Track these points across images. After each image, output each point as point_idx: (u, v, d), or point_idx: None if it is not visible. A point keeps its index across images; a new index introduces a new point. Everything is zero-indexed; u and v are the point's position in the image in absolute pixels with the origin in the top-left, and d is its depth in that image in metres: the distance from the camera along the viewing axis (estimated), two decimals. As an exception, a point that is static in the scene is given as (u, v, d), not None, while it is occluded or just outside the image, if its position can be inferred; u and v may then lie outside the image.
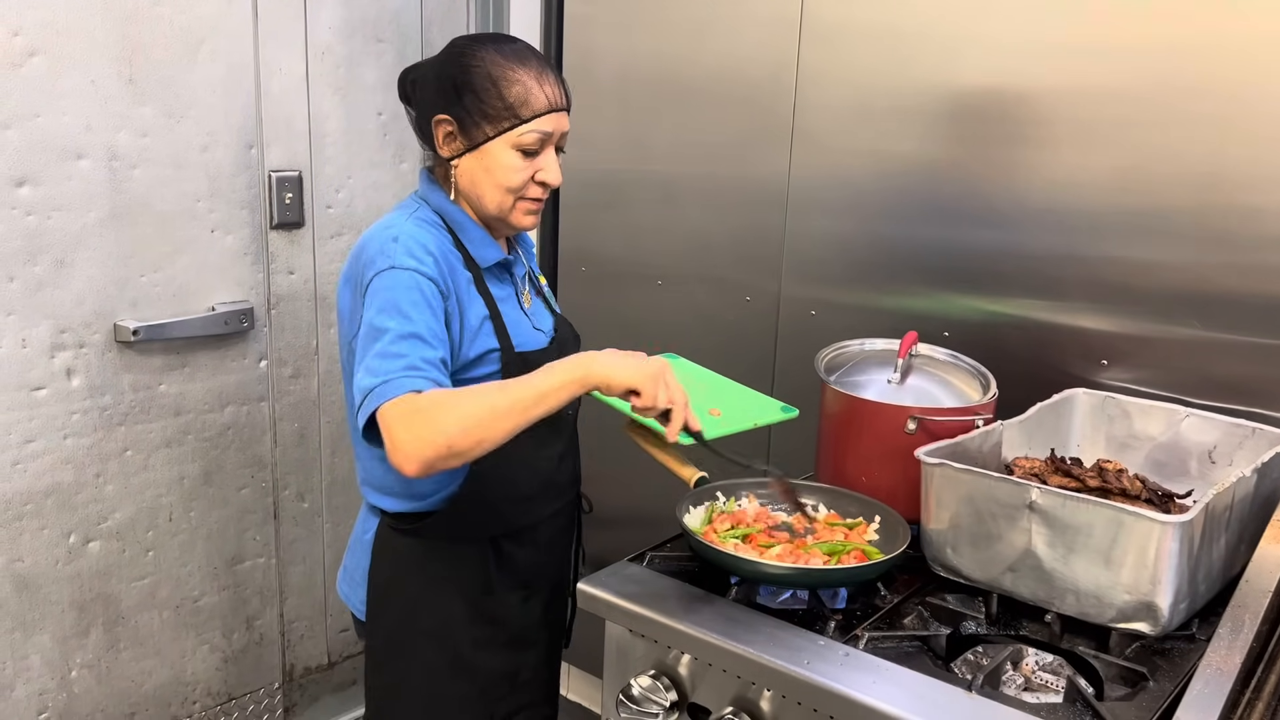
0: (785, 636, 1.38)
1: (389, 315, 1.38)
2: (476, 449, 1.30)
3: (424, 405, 1.30)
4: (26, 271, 1.96)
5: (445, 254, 1.48)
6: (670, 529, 1.65)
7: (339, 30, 2.37)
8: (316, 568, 2.58)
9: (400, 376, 1.32)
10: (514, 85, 1.48)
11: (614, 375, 1.34)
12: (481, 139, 1.49)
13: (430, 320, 1.40)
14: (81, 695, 2.18)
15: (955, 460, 1.48)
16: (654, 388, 1.35)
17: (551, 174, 1.52)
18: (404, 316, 1.38)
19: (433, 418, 1.28)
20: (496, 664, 1.63)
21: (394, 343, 1.36)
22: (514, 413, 1.30)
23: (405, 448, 1.28)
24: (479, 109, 1.48)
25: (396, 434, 1.29)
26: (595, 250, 2.64)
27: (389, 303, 1.39)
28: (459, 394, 1.34)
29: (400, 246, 1.43)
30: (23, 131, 1.91)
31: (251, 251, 2.30)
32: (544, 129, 1.49)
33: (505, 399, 1.31)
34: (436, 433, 1.27)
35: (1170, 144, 1.78)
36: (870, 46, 2.09)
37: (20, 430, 2.00)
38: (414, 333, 1.37)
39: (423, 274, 1.42)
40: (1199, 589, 1.40)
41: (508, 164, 1.49)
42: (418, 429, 1.28)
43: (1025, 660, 1.39)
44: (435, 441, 1.27)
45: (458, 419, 1.28)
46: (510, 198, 1.52)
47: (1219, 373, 1.78)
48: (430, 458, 1.28)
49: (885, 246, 2.13)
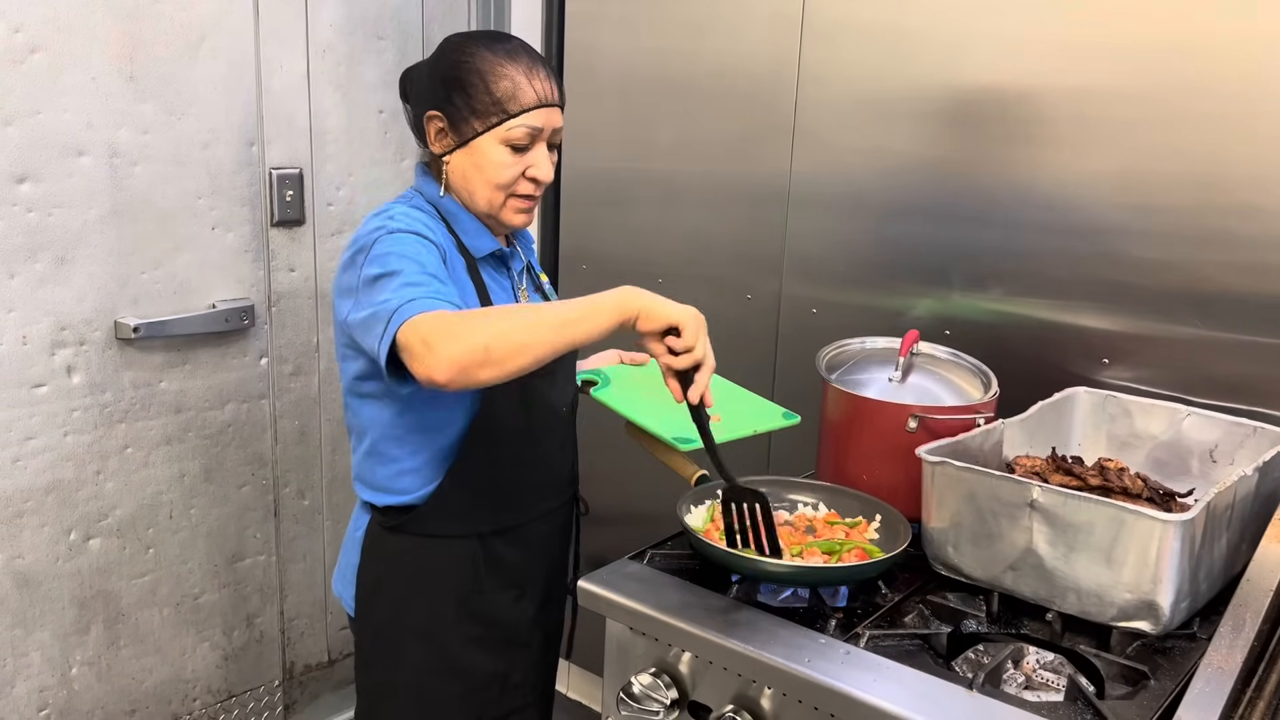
0: (786, 634, 1.38)
1: (398, 262, 1.35)
2: (512, 359, 1.23)
3: (454, 316, 1.26)
4: (27, 268, 1.96)
5: (441, 235, 1.48)
6: (671, 527, 1.65)
7: (340, 28, 2.37)
8: (317, 565, 2.58)
9: (426, 297, 1.29)
10: (502, 80, 1.47)
11: (656, 308, 1.30)
12: (471, 135, 1.49)
13: (438, 266, 1.39)
14: (82, 692, 2.18)
15: (956, 459, 1.48)
16: (695, 327, 1.30)
17: (542, 170, 1.52)
18: (411, 261, 1.36)
19: (470, 324, 1.24)
20: (487, 664, 1.62)
21: (411, 278, 1.33)
22: (549, 328, 1.25)
23: (440, 349, 1.22)
24: (468, 105, 1.48)
25: (431, 337, 1.23)
26: (596, 248, 2.64)
27: (397, 255, 1.37)
28: (489, 310, 1.32)
29: (396, 221, 1.43)
30: (24, 128, 1.91)
31: (252, 249, 2.30)
32: (533, 124, 1.49)
33: (538, 318, 1.27)
34: (471, 335, 1.22)
35: (1172, 143, 1.78)
36: (872, 44, 2.09)
37: (21, 427, 2.00)
38: (426, 272, 1.36)
39: (424, 237, 1.42)
40: (1200, 588, 1.40)
41: (497, 160, 1.49)
42: (455, 330, 1.23)
43: (1026, 659, 1.38)
44: (471, 343, 1.22)
45: (495, 326, 1.24)
46: (501, 194, 1.52)
47: (1220, 372, 1.78)
48: (464, 360, 1.21)
49: (886, 245, 2.13)
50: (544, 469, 1.65)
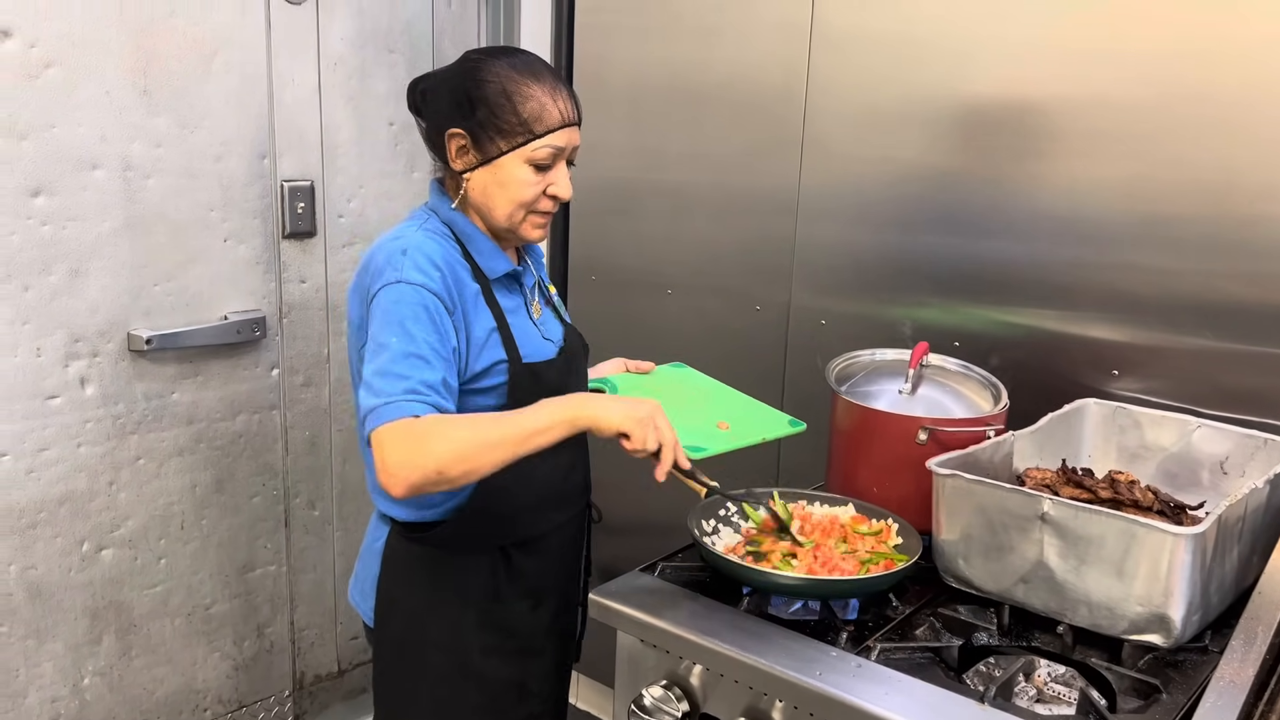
0: (797, 647, 1.38)
1: (392, 331, 1.39)
2: (464, 478, 1.33)
3: (417, 430, 1.32)
4: (41, 281, 1.97)
5: (452, 266, 1.49)
6: (682, 539, 1.65)
7: (351, 41, 2.38)
8: (327, 575, 2.59)
9: (400, 399, 1.34)
10: (529, 101, 1.48)
11: (603, 418, 1.38)
12: (495, 153, 1.50)
13: (433, 338, 1.41)
14: (93, 702, 2.19)
15: (967, 471, 1.48)
16: (643, 431, 1.38)
17: (563, 188, 1.54)
18: (407, 334, 1.39)
19: (424, 443, 1.31)
20: (505, 673, 1.63)
21: (396, 361, 1.37)
22: (505, 445, 1.33)
23: (394, 470, 1.30)
24: (493, 124, 1.49)
25: (387, 455, 1.31)
26: (605, 259, 2.65)
27: (393, 318, 1.40)
28: (453, 421, 1.36)
29: (408, 260, 1.44)
30: (39, 142, 1.93)
31: (264, 261, 2.31)
32: (557, 144, 1.51)
33: (497, 432, 1.34)
34: (426, 457, 1.30)
35: (1181, 152, 1.78)
36: (881, 54, 2.10)
37: (34, 438, 2.01)
38: (416, 352, 1.39)
39: (428, 289, 1.43)
40: (1211, 601, 1.40)
41: (521, 178, 1.50)
42: (408, 453, 1.30)
43: (1037, 672, 1.39)
44: (424, 466, 1.29)
45: (449, 446, 1.31)
46: (521, 211, 1.53)
47: (1230, 383, 1.78)
48: (417, 481, 1.30)
49: (896, 256, 2.13)
50: (561, 481, 1.65)
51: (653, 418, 1.39)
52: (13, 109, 1.88)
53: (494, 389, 1.51)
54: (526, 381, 1.52)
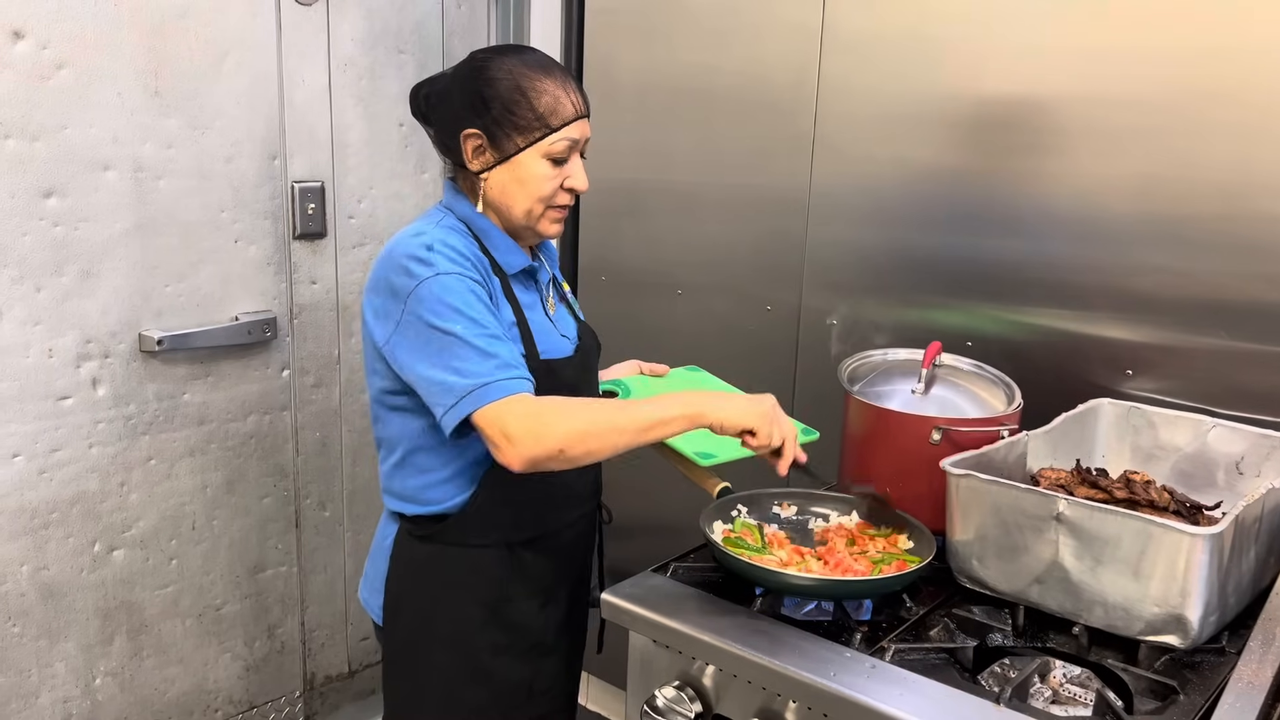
0: (810, 648, 1.37)
1: (452, 320, 1.40)
2: (584, 458, 1.36)
3: (540, 407, 1.36)
4: (54, 282, 1.98)
5: (476, 258, 1.50)
6: (694, 539, 1.65)
7: (361, 42, 2.38)
8: (338, 576, 2.59)
9: (502, 379, 1.37)
10: (543, 95, 1.49)
11: (729, 418, 1.39)
12: (513, 150, 1.50)
13: (493, 320, 1.43)
14: (105, 703, 2.19)
15: (981, 471, 1.47)
16: (769, 427, 1.40)
17: (580, 180, 1.55)
18: (469, 319, 1.40)
19: (552, 419, 1.34)
20: (514, 672, 1.63)
21: (473, 344, 1.38)
22: (628, 431, 1.36)
23: (520, 444, 1.33)
24: (509, 120, 1.49)
25: (512, 429, 1.33)
26: (615, 259, 2.64)
27: (448, 308, 1.41)
28: (575, 402, 1.39)
29: (438, 254, 1.44)
30: (51, 144, 1.93)
31: (274, 261, 2.31)
32: (572, 136, 1.51)
33: (622, 417, 1.37)
34: (552, 433, 1.33)
35: (1195, 151, 1.77)
36: (892, 55, 2.09)
37: (47, 439, 2.02)
38: (487, 332, 1.41)
39: (468, 276, 1.44)
40: (1229, 601, 1.39)
41: (540, 173, 1.51)
42: (533, 426, 1.33)
43: (1053, 673, 1.38)
44: (548, 442, 1.33)
45: (576, 424, 1.34)
46: (540, 206, 1.53)
47: (1245, 383, 1.77)
48: (539, 456, 1.34)
49: (907, 256, 2.13)
50: (570, 479, 1.65)
51: (775, 411, 1.41)
52: (25, 110, 1.89)
53: None
54: (543, 378, 1.51)
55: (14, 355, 1.95)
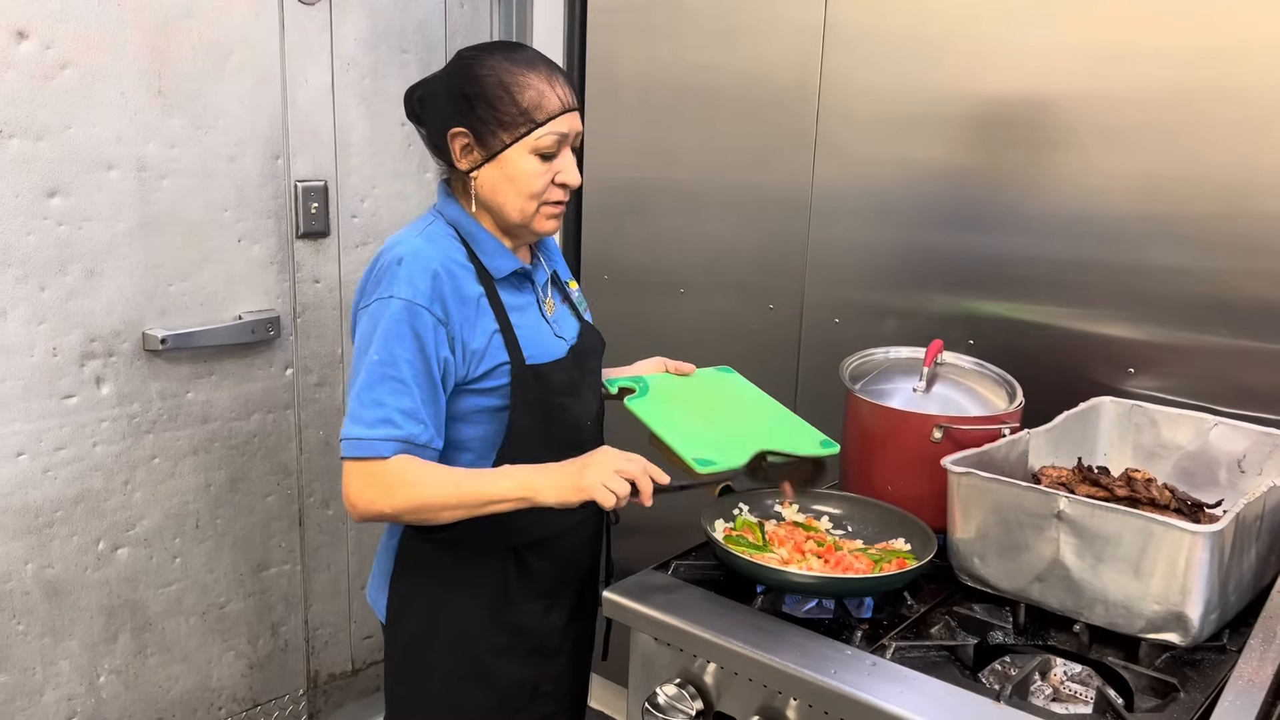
0: (812, 645, 1.38)
1: (375, 347, 1.44)
2: (417, 523, 1.49)
3: (384, 475, 1.43)
4: (58, 281, 1.98)
5: (452, 272, 1.48)
6: (695, 537, 1.65)
7: (364, 41, 2.39)
8: (341, 574, 2.60)
9: (372, 438, 1.43)
10: (527, 90, 1.48)
11: (557, 496, 1.42)
12: (500, 147, 1.49)
13: (415, 358, 1.44)
14: (109, 701, 2.20)
15: (982, 469, 1.47)
16: (599, 494, 1.40)
17: (570, 175, 1.53)
18: (388, 352, 1.43)
19: (388, 489, 1.42)
20: (516, 673, 1.63)
21: (374, 384, 1.44)
22: (460, 509, 1.43)
23: (356, 502, 1.44)
24: (494, 118, 1.48)
25: (351, 488, 1.44)
26: (618, 258, 2.65)
27: (379, 335, 1.44)
28: (419, 476, 1.43)
29: (402, 271, 1.44)
30: (54, 143, 1.94)
31: (278, 260, 2.32)
32: (560, 130, 1.50)
33: (455, 495, 1.42)
34: (384, 502, 1.43)
35: (1197, 150, 1.77)
36: (894, 53, 2.09)
37: (51, 438, 2.02)
38: (394, 375, 1.43)
39: (416, 303, 1.44)
40: (1229, 599, 1.39)
41: (528, 169, 1.50)
42: (371, 492, 1.43)
43: (1054, 671, 1.38)
44: (382, 509, 1.44)
45: (408, 496, 1.42)
46: (533, 203, 1.52)
47: (1247, 381, 1.77)
48: (372, 517, 1.45)
49: (909, 254, 2.13)
50: None
51: (595, 475, 1.40)
52: (29, 110, 1.90)
53: (497, 389, 1.51)
54: (530, 382, 1.52)
55: (18, 354, 1.96)
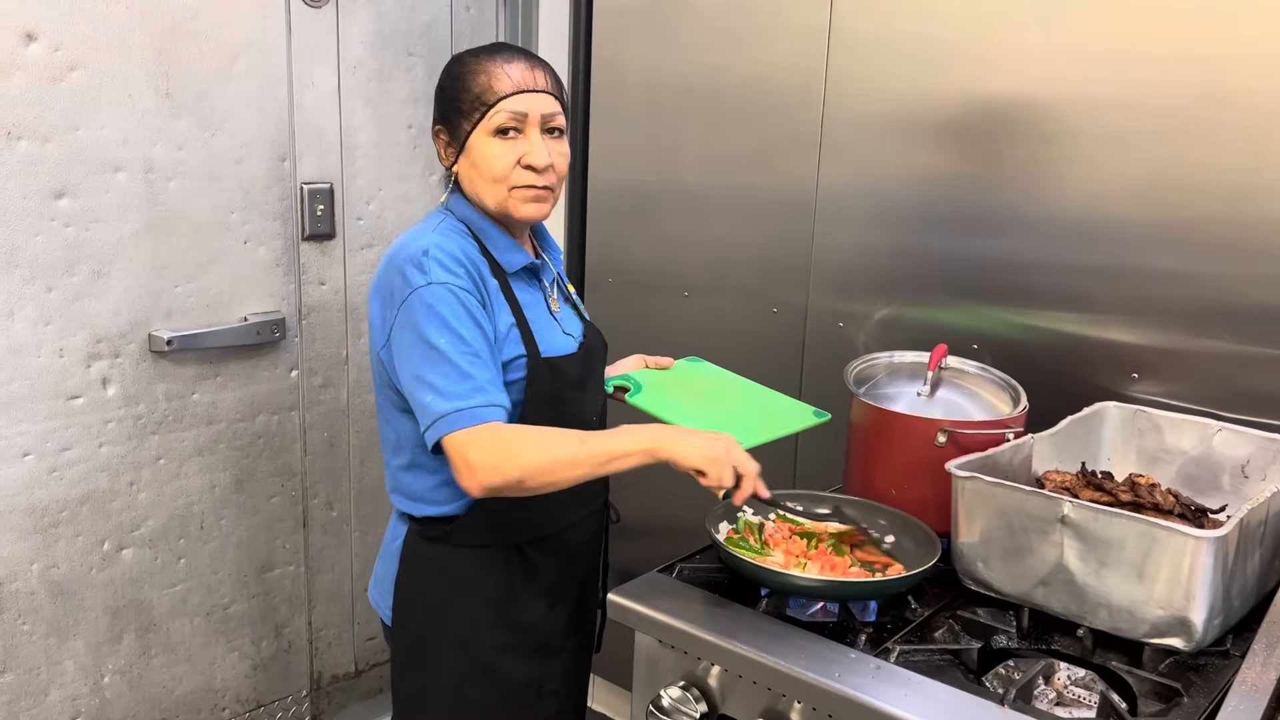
0: (816, 649, 1.38)
1: (439, 332, 1.43)
2: (543, 489, 1.40)
3: (504, 438, 1.39)
4: (64, 282, 1.99)
5: (474, 261, 1.50)
6: (700, 540, 1.65)
7: (370, 44, 2.39)
8: (345, 576, 2.60)
9: (476, 406, 1.40)
10: (478, 76, 1.52)
11: (683, 456, 1.41)
12: (464, 136, 1.54)
13: (478, 335, 1.45)
14: (114, 700, 2.21)
15: (986, 474, 1.48)
16: (718, 470, 1.40)
17: (536, 155, 1.51)
18: (455, 335, 1.43)
19: (511, 452, 1.38)
20: (522, 672, 1.64)
21: (455, 362, 1.41)
22: (585, 465, 1.39)
23: (480, 472, 1.38)
24: (455, 109, 1.54)
25: (474, 457, 1.38)
26: (622, 261, 2.65)
27: (435, 320, 1.43)
28: (539, 434, 1.42)
29: (432, 260, 1.45)
30: (62, 145, 1.94)
31: (283, 262, 2.32)
32: (514, 109, 1.51)
33: (582, 451, 1.39)
34: (512, 465, 1.37)
35: (1202, 154, 1.77)
36: (899, 57, 2.10)
37: (57, 438, 2.03)
38: (471, 351, 1.43)
39: (460, 287, 1.45)
40: (1233, 604, 1.39)
41: (489, 153, 1.52)
42: (495, 459, 1.37)
43: (1057, 675, 1.38)
44: (508, 473, 1.37)
45: (534, 459, 1.38)
46: (501, 187, 1.53)
47: (1251, 386, 1.77)
48: (498, 485, 1.38)
49: (914, 258, 2.13)
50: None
51: (729, 453, 1.42)
52: (37, 111, 1.90)
53: (513, 383, 1.52)
54: (545, 376, 1.53)
55: (25, 355, 1.96)
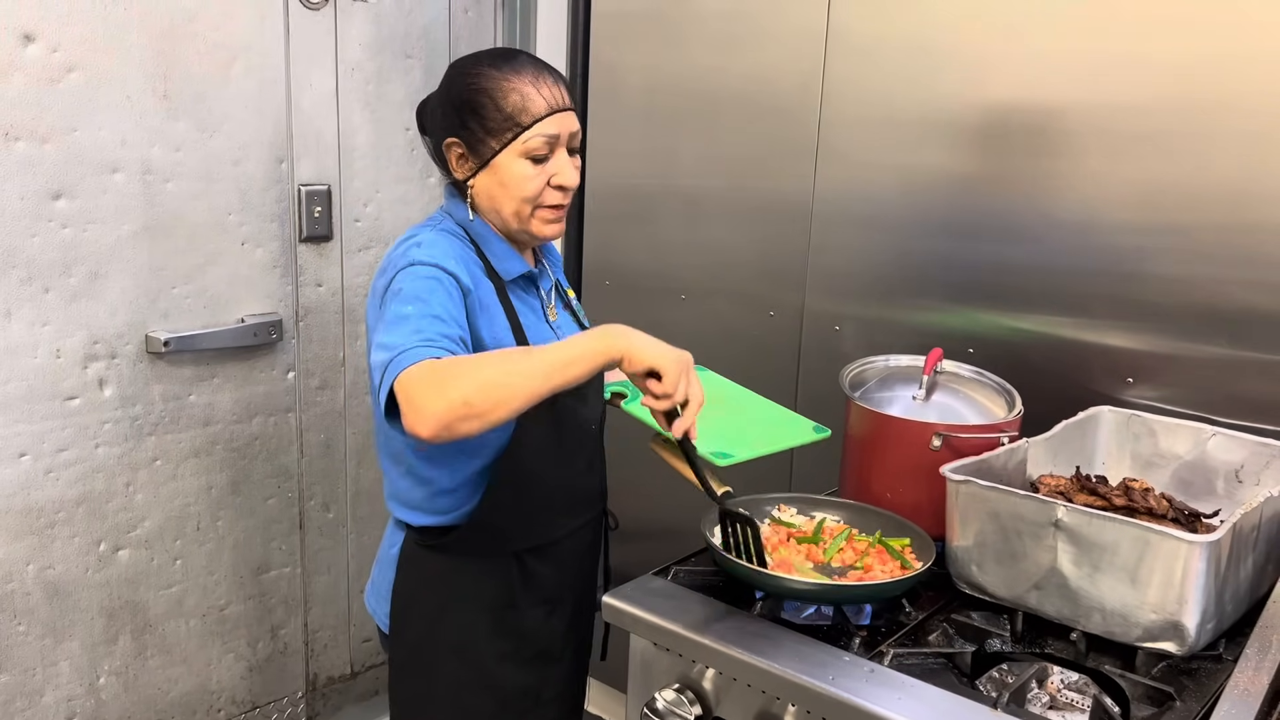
0: (810, 652, 1.38)
1: (407, 303, 1.37)
2: (494, 411, 1.25)
3: (442, 366, 1.27)
4: (62, 283, 1.99)
5: (468, 262, 1.50)
6: (695, 543, 1.65)
7: (369, 46, 2.40)
8: (341, 578, 2.60)
9: (416, 346, 1.30)
10: (510, 94, 1.48)
11: (638, 351, 1.31)
12: (490, 154, 1.50)
13: (449, 305, 1.39)
14: (109, 702, 2.20)
15: (980, 477, 1.48)
16: (677, 372, 1.32)
17: (566, 176, 1.52)
18: (422, 301, 1.37)
19: (451, 376, 1.26)
20: (520, 679, 1.64)
21: (412, 321, 1.34)
22: (534, 376, 1.27)
23: (422, 406, 1.24)
24: (481, 125, 1.49)
25: (414, 394, 1.25)
26: (619, 264, 2.65)
27: (408, 294, 1.39)
28: (480, 356, 1.33)
29: (423, 250, 1.45)
30: (60, 146, 1.95)
31: (281, 264, 2.32)
32: (548, 132, 1.49)
33: (526, 363, 1.28)
34: (454, 389, 1.24)
35: (1198, 160, 1.78)
36: (896, 61, 2.10)
37: (53, 439, 2.03)
38: (432, 313, 1.36)
39: (443, 269, 1.42)
40: (1226, 609, 1.40)
41: (520, 174, 1.50)
42: (435, 387, 1.25)
43: (1051, 679, 1.38)
44: (452, 399, 1.23)
45: (476, 378, 1.25)
46: (528, 207, 1.52)
47: (1246, 391, 1.77)
48: (446, 416, 1.23)
49: (910, 262, 2.13)
50: (575, 486, 1.66)
51: (688, 365, 1.34)
52: (35, 112, 1.91)
53: None
54: None
55: (22, 356, 1.96)
